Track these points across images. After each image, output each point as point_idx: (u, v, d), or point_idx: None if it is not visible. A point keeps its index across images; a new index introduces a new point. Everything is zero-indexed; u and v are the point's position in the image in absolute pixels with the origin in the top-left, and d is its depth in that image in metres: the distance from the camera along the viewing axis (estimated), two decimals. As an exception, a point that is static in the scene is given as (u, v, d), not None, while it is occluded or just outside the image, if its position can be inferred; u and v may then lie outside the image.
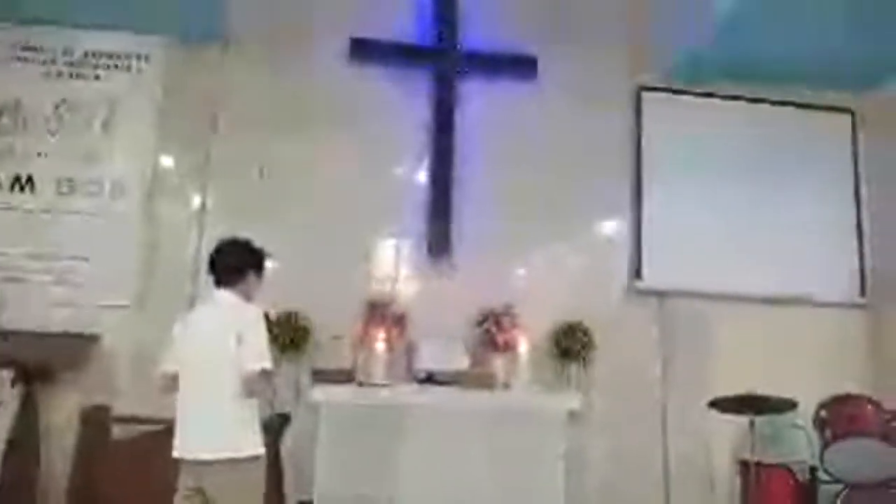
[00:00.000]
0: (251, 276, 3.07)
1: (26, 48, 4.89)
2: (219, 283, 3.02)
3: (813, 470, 4.52)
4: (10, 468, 4.19)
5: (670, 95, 5.40)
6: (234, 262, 3.04)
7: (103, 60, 4.96)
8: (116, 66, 4.96)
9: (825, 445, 4.42)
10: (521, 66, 5.26)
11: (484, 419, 4.05)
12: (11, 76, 4.85)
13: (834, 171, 5.47)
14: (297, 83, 5.04)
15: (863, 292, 5.31)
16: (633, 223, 5.23)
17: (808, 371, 4.91)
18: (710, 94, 5.42)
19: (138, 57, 4.98)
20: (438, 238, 4.94)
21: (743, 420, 4.40)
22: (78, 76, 4.92)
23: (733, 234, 5.21)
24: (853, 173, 5.48)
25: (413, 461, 3.93)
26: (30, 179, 4.79)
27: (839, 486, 4.41)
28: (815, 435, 4.65)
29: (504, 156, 5.13)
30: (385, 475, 3.92)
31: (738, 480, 4.79)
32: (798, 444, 4.78)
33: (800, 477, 4.55)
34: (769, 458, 4.58)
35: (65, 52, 4.92)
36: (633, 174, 5.29)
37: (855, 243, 5.38)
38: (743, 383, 4.29)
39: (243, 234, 3.21)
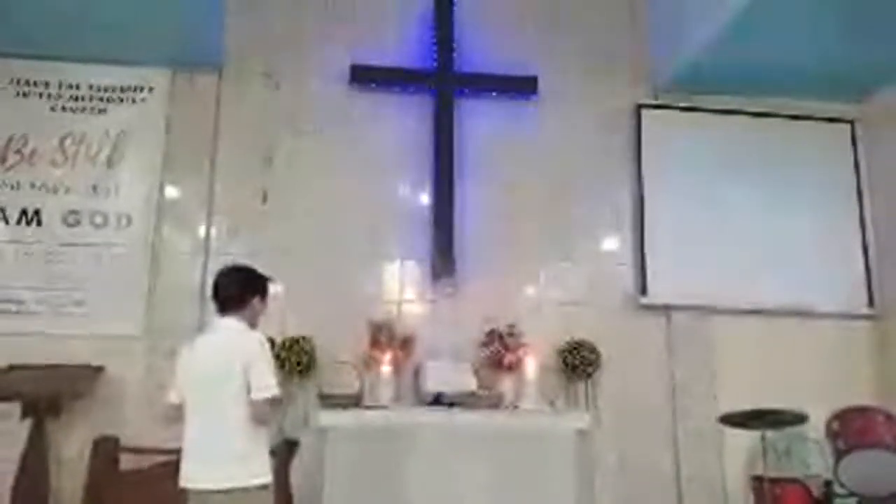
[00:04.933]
0: (255, 303, 3.07)
1: (31, 83, 4.97)
2: (222, 310, 3.02)
3: (828, 484, 4.46)
4: (20, 501, 4.18)
5: (670, 111, 5.42)
6: (237, 290, 3.03)
7: (107, 94, 5.03)
8: (120, 100, 5.03)
9: (838, 458, 4.36)
10: (521, 84, 5.30)
11: (493, 440, 4.03)
12: (17, 111, 4.93)
13: (835, 181, 5.46)
14: (296, 108, 5.10)
15: (870, 302, 5.28)
16: (637, 238, 5.22)
17: (819, 383, 4.87)
18: (709, 110, 5.44)
19: (141, 89, 5.05)
20: (442, 258, 4.93)
21: (755, 434, 4.36)
22: (83, 110, 4.99)
23: (737, 247, 5.19)
24: (855, 182, 5.47)
25: (423, 484, 3.91)
26: (36, 213, 4.83)
27: (854, 500, 4.35)
28: (828, 448, 4.60)
29: (505, 174, 5.17)
30: (395, 498, 3.89)
31: (751, 496, 4.73)
32: (811, 457, 4.73)
33: (814, 491, 4.49)
34: (783, 473, 4.52)
35: (69, 87, 5.00)
36: (634, 189, 5.31)
37: (860, 253, 5.35)
38: (752, 396, 4.25)
39: (248, 260, 3.23)
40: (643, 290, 5.12)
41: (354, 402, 4.22)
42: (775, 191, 5.34)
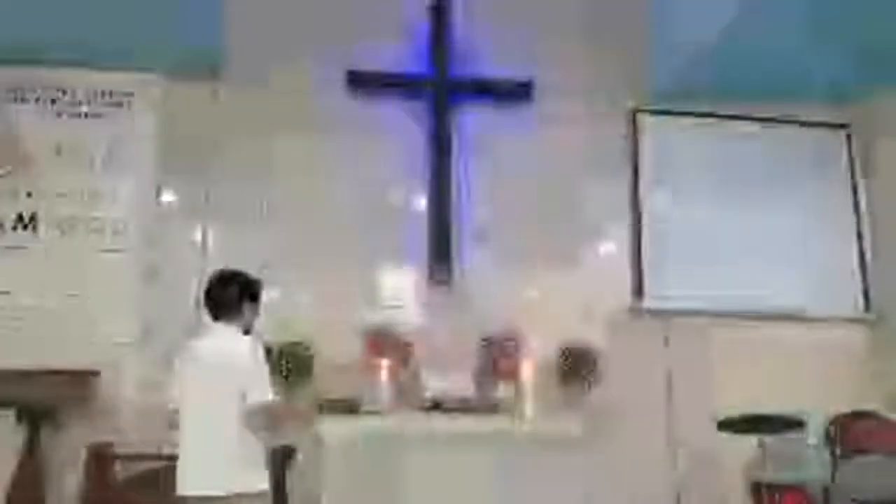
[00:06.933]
0: (248, 308, 3.07)
1: (27, 90, 4.97)
2: (216, 317, 3.02)
3: (826, 490, 4.45)
4: (14, 508, 4.16)
5: (666, 116, 5.44)
6: (230, 296, 3.03)
7: (103, 100, 5.03)
8: (115, 105, 5.03)
9: (836, 463, 4.36)
10: (518, 89, 5.32)
11: (490, 446, 4.02)
12: (12, 118, 4.91)
13: (832, 186, 5.50)
14: (293, 113, 5.09)
15: (867, 307, 5.30)
16: (634, 243, 5.23)
17: (817, 388, 4.87)
18: (706, 114, 5.46)
19: (138, 95, 5.05)
20: (439, 263, 4.94)
21: (753, 439, 4.35)
22: (78, 116, 4.99)
23: (735, 252, 5.22)
24: (851, 187, 5.50)
25: (420, 490, 3.89)
26: (33, 218, 4.82)
27: (853, 506, 4.34)
28: (826, 453, 4.59)
29: (502, 179, 5.18)
30: (393, 504, 3.88)
31: (750, 502, 4.72)
32: (810, 463, 4.72)
33: (813, 497, 4.48)
34: (781, 478, 4.51)
35: (64, 93, 5.00)
36: (632, 194, 5.32)
37: (857, 258, 5.37)
38: (750, 401, 4.25)
39: (244, 265, 3.21)
40: (641, 295, 5.12)
41: (352, 408, 4.20)
42: (772, 195, 5.36)
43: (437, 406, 4.30)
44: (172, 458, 2.90)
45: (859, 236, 5.42)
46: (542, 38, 5.41)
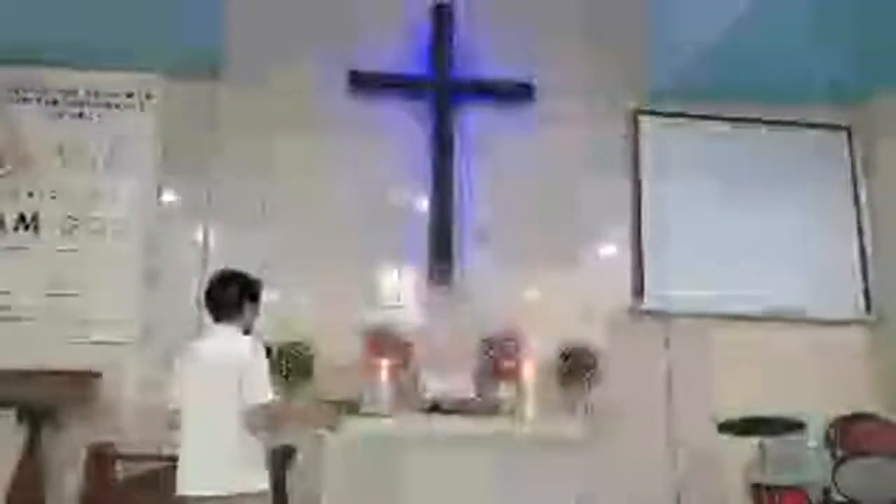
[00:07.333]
0: (248, 308, 3.07)
1: (28, 90, 4.98)
2: (217, 318, 3.02)
3: (826, 491, 4.45)
4: (15, 508, 4.16)
5: (667, 117, 5.44)
6: (231, 298, 3.03)
7: (104, 100, 5.04)
8: (117, 106, 5.04)
9: (836, 465, 4.35)
10: (518, 90, 5.32)
11: (490, 447, 4.02)
12: (14, 118, 4.91)
13: (833, 187, 5.49)
14: (293, 113, 5.10)
15: (868, 308, 5.29)
16: (635, 244, 5.23)
17: (817, 389, 4.87)
18: (706, 116, 5.46)
19: (138, 95, 5.06)
20: (440, 264, 4.94)
21: (753, 441, 4.35)
22: (80, 116, 5.00)
23: (736, 253, 5.21)
24: (852, 188, 5.49)
25: (420, 491, 3.89)
26: (34, 218, 4.83)
27: (854, 507, 4.34)
28: (826, 455, 4.59)
29: (503, 180, 5.18)
30: (392, 506, 3.88)
31: (750, 503, 4.72)
32: (810, 464, 4.72)
33: (813, 499, 4.48)
34: (781, 480, 4.51)
35: (66, 93, 5.01)
36: (633, 195, 5.32)
37: (858, 259, 5.37)
38: (751, 403, 4.25)
39: (245, 266, 3.21)
40: (641, 296, 5.12)
41: (352, 408, 4.20)
42: (773, 195, 5.36)
43: (437, 407, 4.30)
44: (172, 459, 2.90)
45: (860, 237, 5.42)
46: (542, 39, 5.41)
